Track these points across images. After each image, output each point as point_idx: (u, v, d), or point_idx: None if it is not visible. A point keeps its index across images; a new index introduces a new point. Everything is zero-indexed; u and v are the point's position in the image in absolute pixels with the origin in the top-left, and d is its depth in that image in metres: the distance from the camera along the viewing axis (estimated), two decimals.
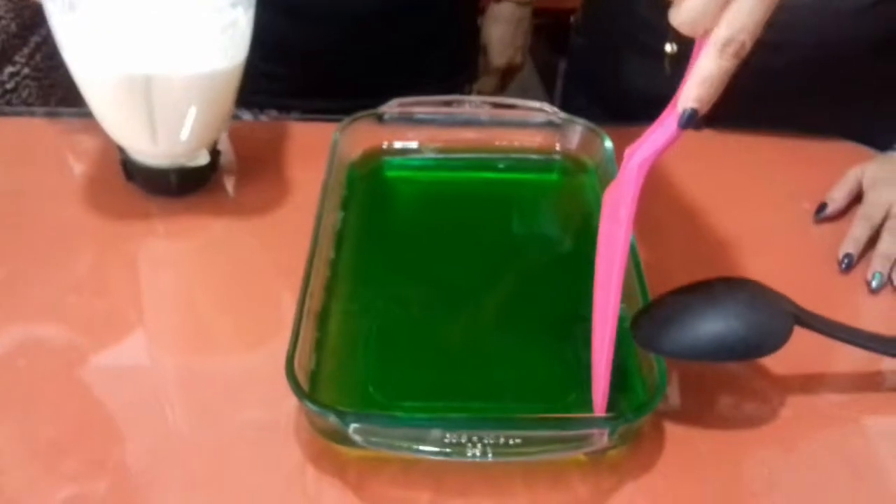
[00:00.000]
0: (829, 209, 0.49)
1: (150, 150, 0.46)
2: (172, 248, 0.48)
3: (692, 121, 0.32)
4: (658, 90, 0.36)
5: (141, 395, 0.39)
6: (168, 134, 0.45)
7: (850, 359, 0.42)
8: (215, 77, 0.44)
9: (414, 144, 0.51)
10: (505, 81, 0.91)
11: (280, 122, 0.57)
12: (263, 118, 0.68)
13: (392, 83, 0.60)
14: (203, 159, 0.49)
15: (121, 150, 0.48)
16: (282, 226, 0.48)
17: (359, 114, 0.50)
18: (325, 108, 0.58)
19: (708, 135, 0.56)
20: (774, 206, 0.52)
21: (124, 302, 0.44)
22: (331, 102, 0.58)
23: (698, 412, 0.39)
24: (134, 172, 0.49)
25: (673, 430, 0.38)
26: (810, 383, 0.41)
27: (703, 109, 0.32)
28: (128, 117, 0.45)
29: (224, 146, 0.52)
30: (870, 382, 0.41)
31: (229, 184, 0.51)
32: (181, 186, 0.49)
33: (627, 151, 0.35)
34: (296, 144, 0.55)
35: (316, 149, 0.49)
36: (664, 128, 0.34)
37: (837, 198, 0.50)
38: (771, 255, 0.47)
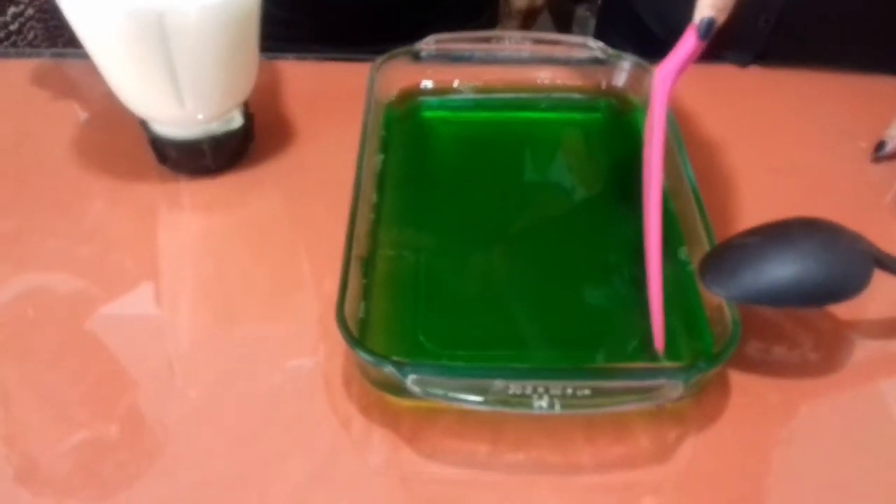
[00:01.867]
0: (889, 147, 0.47)
1: (177, 113, 0.42)
2: (197, 193, 0.45)
3: (710, 30, 0.34)
4: None
5: (173, 346, 0.37)
6: (194, 87, 0.41)
7: None
8: (233, 6, 0.40)
9: (452, 83, 0.49)
10: (526, 24, 0.88)
11: (307, 63, 0.54)
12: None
13: (410, 27, 0.57)
14: (237, 121, 0.45)
15: (146, 127, 0.44)
16: (321, 172, 0.46)
17: (394, 51, 0.48)
18: (339, 57, 0.55)
19: (756, 72, 0.54)
20: (829, 145, 0.49)
21: (148, 253, 0.42)
22: (345, 51, 0.55)
23: (764, 359, 0.37)
24: (165, 151, 0.45)
25: (738, 379, 0.36)
26: (884, 328, 0.39)
27: (721, 18, 0.34)
28: (146, 73, 0.40)
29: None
30: None
31: (265, 148, 0.48)
32: (217, 159, 0.45)
33: (656, 71, 0.37)
34: (328, 87, 0.52)
35: (346, 91, 0.47)
36: (686, 41, 0.36)
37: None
38: (827, 195, 0.45)
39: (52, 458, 0.33)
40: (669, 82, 0.36)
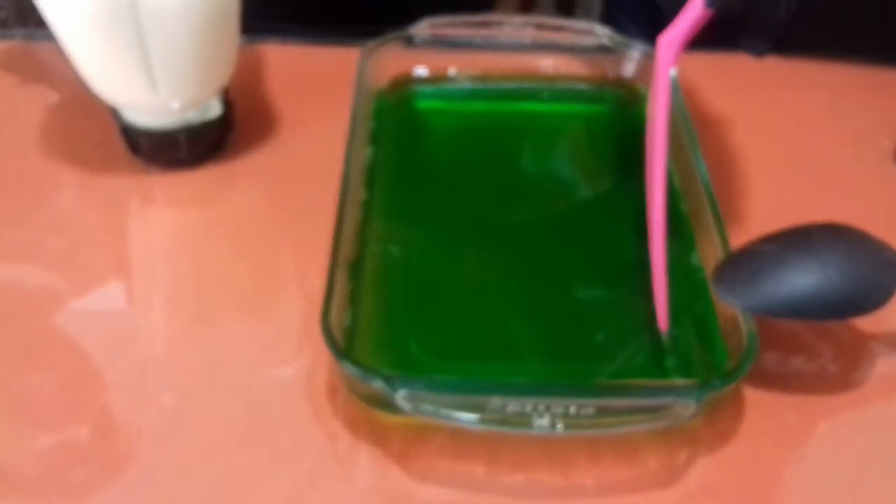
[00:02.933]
0: None
1: (149, 100, 0.39)
2: (172, 186, 0.43)
3: None
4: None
5: (146, 347, 0.35)
6: (168, 71, 0.38)
7: None
8: None
9: (447, 71, 0.46)
10: (526, 5, 0.85)
11: (291, 47, 0.51)
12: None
13: (404, 9, 0.54)
14: (215, 110, 0.42)
15: (117, 115, 0.41)
16: (306, 165, 0.43)
17: (386, 36, 0.45)
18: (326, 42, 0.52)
19: (775, 63, 0.51)
20: (852, 143, 0.47)
21: (121, 248, 0.39)
22: (333, 33, 0.52)
23: (781, 373, 0.34)
24: (137, 141, 0.42)
25: (753, 395, 0.33)
26: None
27: None
28: (115, 54, 0.37)
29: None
30: None
31: (245, 138, 0.45)
32: (193, 150, 0.42)
33: (658, 41, 0.36)
34: (314, 73, 0.49)
35: (334, 78, 0.44)
36: (691, 8, 0.34)
37: None
38: (848, 197, 0.43)
39: (18, 462, 0.31)
40: (673, 52, 0.35)
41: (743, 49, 0.52)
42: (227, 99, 0.43)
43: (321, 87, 0.48)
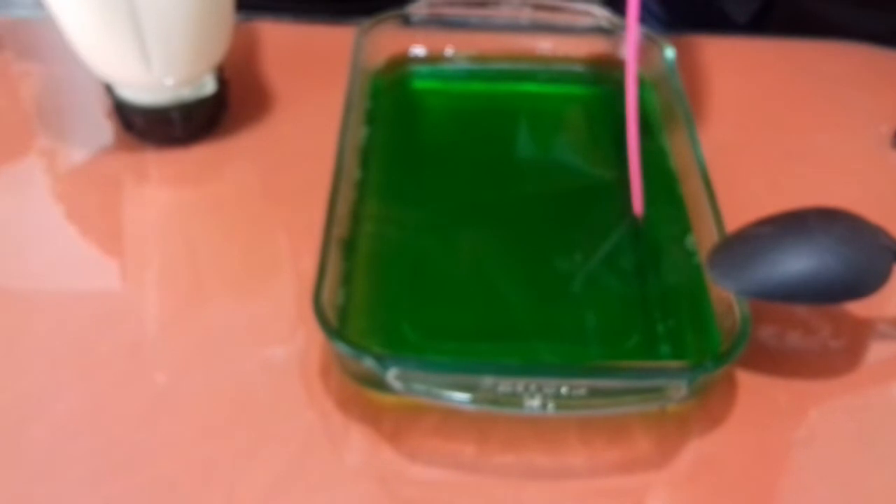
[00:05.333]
0: None
1: (143, 76, 0.39)
2: (165, 164, 0.42)
3: None
4: None
5: (137, 327, 0.35)
6: (162, 46, 0.38)
7: None
8: None
9: (444, 51, 0.46)
10: None
11: (287, 24, 0.51)
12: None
13: None
14: (209, 87, 0.41)
15: (110, 91, 0.41)
16: (300, 144, 0.43)
17: (382, 15, 0.44)
18: (322, 20, 0.51)
19: (773, 47, 0.51)
20: (849, 128, 0.46)
21: (113, 226, 0.39)
22: (328, 10, 0.51)
23: (774, 356, 0.34)
24: (131, 118, 0.41)
25: (746, 378, 0.33)
26: None
27: None
28: (108, 27, 0.37)
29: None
30: None
31: (239, 117, 0.45)
32: (187, 128, 0.41)
33: None
34: (309, 52, 0.49)
35: (329, 57, 0.43)
36: None
37: None
38: (845, 183, 0.43)
39: (6, 441, 0.31)
40: None
41: (727, 12, 0.51)
42: (222, 77, 0.42)
43: (317, 65, 0.47)
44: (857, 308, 0.36)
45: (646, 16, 0.59)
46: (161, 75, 0.39)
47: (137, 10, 0.36)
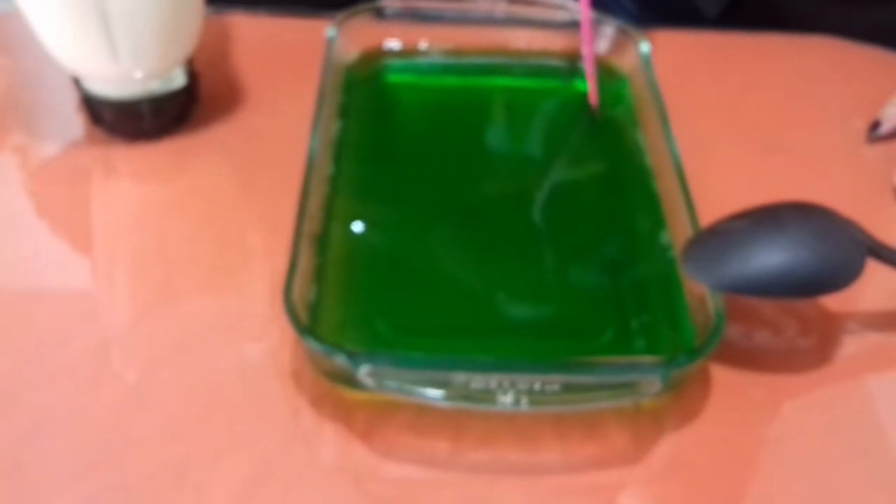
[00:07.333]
0: (885, 128, 0.44)
1: (111, 69, 0.38)
2: (134, 158, 0.41)
3: None
4: None
5: (107, 326, 0.34)
6: (130, 38, 0.37)
7: None
8: None
9: (419, 45, 0.45)
10: None
11: (258, 17, 0.50)
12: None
13: None
14: (179, 80, 0.41)
15: (79, 85, 0.40)
16: (272, 139, 0.42)
17: (356, 8, 0.44)
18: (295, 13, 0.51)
19: (748, 41, 0.51)
20: (823, 123, 0.47)
21: (81, 222, 0.38)
22: (300, 3, 0.51)
23: (748, 351, 0.34)
24: (98, 111, 0.40)
25: (720, 373, 0.33)
26: (875, 321, 0.37)
27: None
28: (76, 21, 0.36)
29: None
30: None
31: (210, 111, 0.44)
32: (157, 122, 0.41)
33: None
34: (281, 45, 0.48)
35: (302, 51, 0.43)
36: None
37: (893, 114, 0.45)
38: (820, 178, 0.43)
39: None
40: None
41: (698, 7, 0.51)
42: (192, 70, 0.42)
43: (289, 59, 0.47)
44: (825, 304, 0.37)
45: (617, 11, 0.59)
46: (129, 68, 0.38)
47: (105, 2, 0.35)
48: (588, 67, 0.40)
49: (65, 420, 0.31)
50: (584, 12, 0.42)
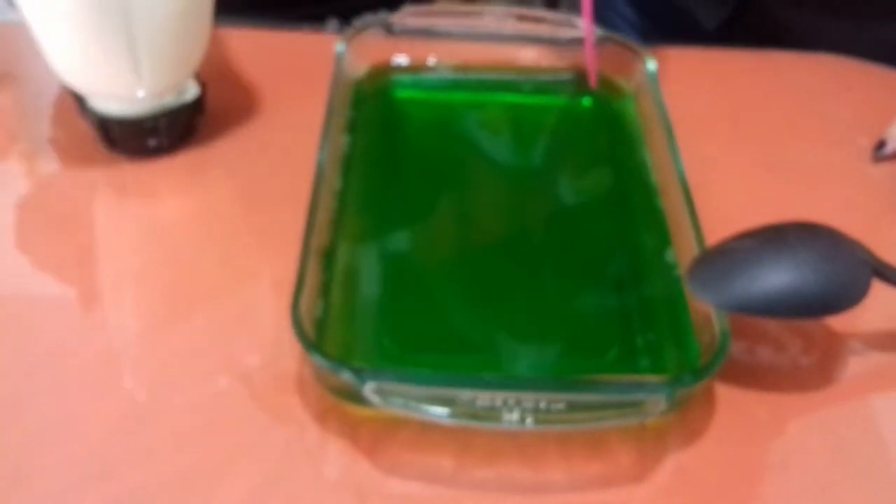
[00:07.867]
0: (889, 147, 0.45)
1: (130, 86, 0.38)
2: (141, 173, 0.42)
3: None
4: None
5: (112, 340, 0.34)
6: (153, 56, 0.37)
7: None
8: None
9: (427, 61, 0.45)
10: None
11: (265, 32, 0.50)
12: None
13: None
14: (192, 92, 0.41)
15: (83, 104, 0.40)
16: (280, 154, 0.42)
17: (365, 23, 0.44)
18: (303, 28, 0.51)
19: (754, 59, 0.51)
20: (829, 141, 0.47)
21: (87, 238, 0.38)
22: (308, 17, 0.51)
23: (752, 370, 0.34)
24: (115, 134, 0.40)
25: (725, 392, 0.33)
26: (880, 341, 0.37)
27: None
28: (103, 45, 0.36)
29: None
30: None
31: (217, 126, 0.44)
32: (166, 137, 0.41)
33: None
34: (290, 60, 0.48)
35: (311, 66, 0.43)
36: None
37: None
38: (825, 196, 0.43)
39: None
40: None
41: (698, 19, 0.51)
42: (201, 81, 0.42)
43: (298, 74, 0.47)
44: (829, 324, 0.37)
45: (620, 23, 0.60)
46: (151, 84, 0.38)
47: (132, 23, 0.35)
48: (588, 41, 0.41)
49: (71, 430, 0.31)
50: None
